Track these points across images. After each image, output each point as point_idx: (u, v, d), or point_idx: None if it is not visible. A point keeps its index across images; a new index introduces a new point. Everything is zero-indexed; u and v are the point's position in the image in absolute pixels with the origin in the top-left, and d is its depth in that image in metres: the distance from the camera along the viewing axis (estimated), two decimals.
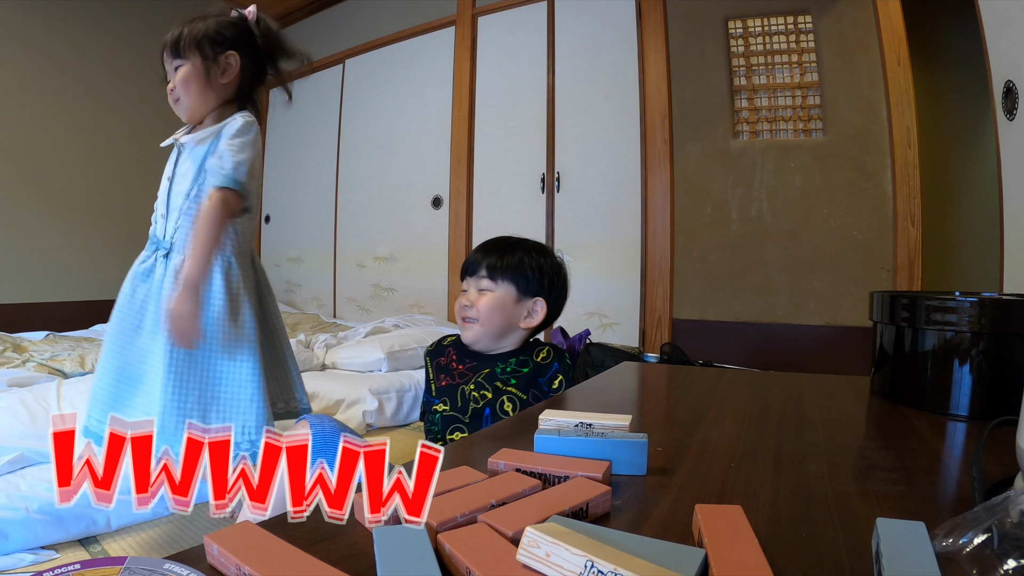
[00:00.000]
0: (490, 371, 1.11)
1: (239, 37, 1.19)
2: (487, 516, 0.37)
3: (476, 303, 1.11)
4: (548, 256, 1.17)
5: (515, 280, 1.11)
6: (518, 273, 1.12)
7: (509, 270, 1.11)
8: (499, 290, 1.11)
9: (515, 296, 1.12)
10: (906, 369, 0.75)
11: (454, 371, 1.14)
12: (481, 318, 1.10)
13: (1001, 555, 0.31)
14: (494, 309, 1.10)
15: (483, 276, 1.12)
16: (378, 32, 3.85)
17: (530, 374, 1.10)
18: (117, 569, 0.32)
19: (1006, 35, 1.73)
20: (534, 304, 1.13)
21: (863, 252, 2.44)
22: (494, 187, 3.32)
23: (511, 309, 1.12)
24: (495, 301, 1.11)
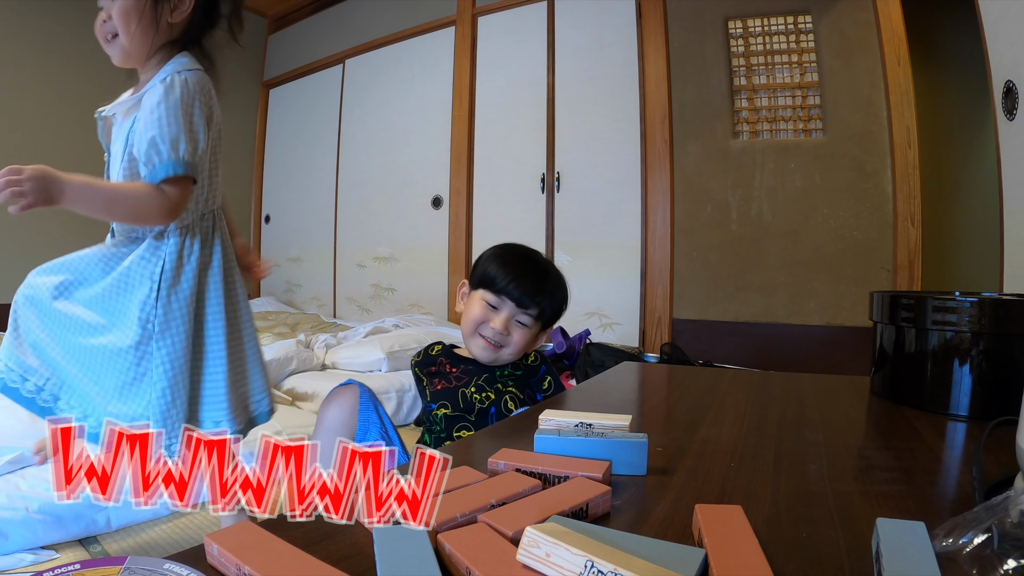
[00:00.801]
0: (488, 375, 1.10)
1: None
2: (487, 516, 0.37)
3: (511, 334, 1.08)
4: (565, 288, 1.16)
5: (545, 320, 1.11)
6: (553, 316, 1.12)
7: (555, 315, 1.12)
8: (532, 327, 1.10)
9: (539, 333, 1.13)
10: (906, 369, 0.75)
11: (449, 375, 1.11)
12: (513, 351, 1.09)
13: (1001, 555, 0.31)
14: (525, 346, 1.10)
15: (530, 313, 1.09)
16: (378, 32, 3.85)
17: (523, 376, 1.12)
18: (117, 569, 0.32)
19: (1006, 35, 1.73)
20: (549, 332, 1.16)
21: (863, 252, 2.44)
22: (494, 187, 3.32)
23: (533, 341, 1.13)
24: (527, 339, 1.09)
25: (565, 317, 1.23)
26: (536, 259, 1.15)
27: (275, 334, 3.04)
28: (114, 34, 0.95)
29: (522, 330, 1.08)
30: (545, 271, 1.12)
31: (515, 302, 1.08)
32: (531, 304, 1.08)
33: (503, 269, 1.09)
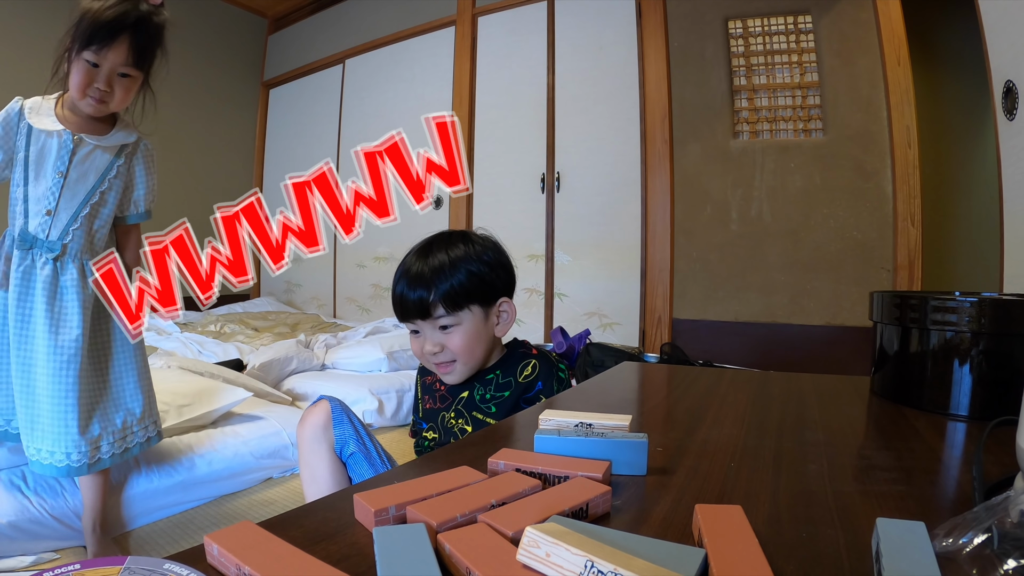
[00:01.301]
0: (469, 396, 0.99)
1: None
2: (487, 516, 0.37)
3: (447, 345, 0.94)
4: (480, 243, 0.98)
5: (476, 299, 0.94)
6: (477, 291, 0.94)
7: (468, 295, 0.93)
8: (466, 319, 0.94)
9: (482, 316, 0.95)
10: (906, 369, 0.75)
11: (436, 392, 1.04)
12: (461, 357, 0.95)
13: (1001, 555, 0.31)
14: (472, 342, 0.94)
15: (441, 316, 0.93)
16: (378, 32, 3.85)
17: (511, 398, 0.97)
18: (117, 569, 0.32)
19: (1006, 35, 1.73)
20: (500, 307, 0.97)
21: (863, 252, 2.44)
22: (494, 187, 3.32)
23: (484, 331, 0.96)
24: (469, 334, 0.94)
25: (565, 317, 1.20)
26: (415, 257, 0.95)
27: (275, 334, 3.04)
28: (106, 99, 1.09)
29: (452, 332, 0.94)
30: (428, 254, 0.94)
31: (419, 316, 0.94)
32: (435, 307, 0.92)
33: (396, 307, 0.97)
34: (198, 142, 4.22)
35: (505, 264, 0.99)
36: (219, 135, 4.35)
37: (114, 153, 1.14)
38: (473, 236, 0.99)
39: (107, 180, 1.12)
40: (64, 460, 1.09)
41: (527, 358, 1.00)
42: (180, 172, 4.11)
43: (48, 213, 1.09)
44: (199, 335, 2.83)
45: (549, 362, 1.00)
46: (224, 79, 4.36)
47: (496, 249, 0.99)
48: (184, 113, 4.12)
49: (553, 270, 3.11)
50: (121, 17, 1.04)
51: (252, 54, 4.55)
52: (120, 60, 1.06)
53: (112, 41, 1.04)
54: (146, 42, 1.09)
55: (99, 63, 1.05)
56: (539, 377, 0.98)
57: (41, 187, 1.09)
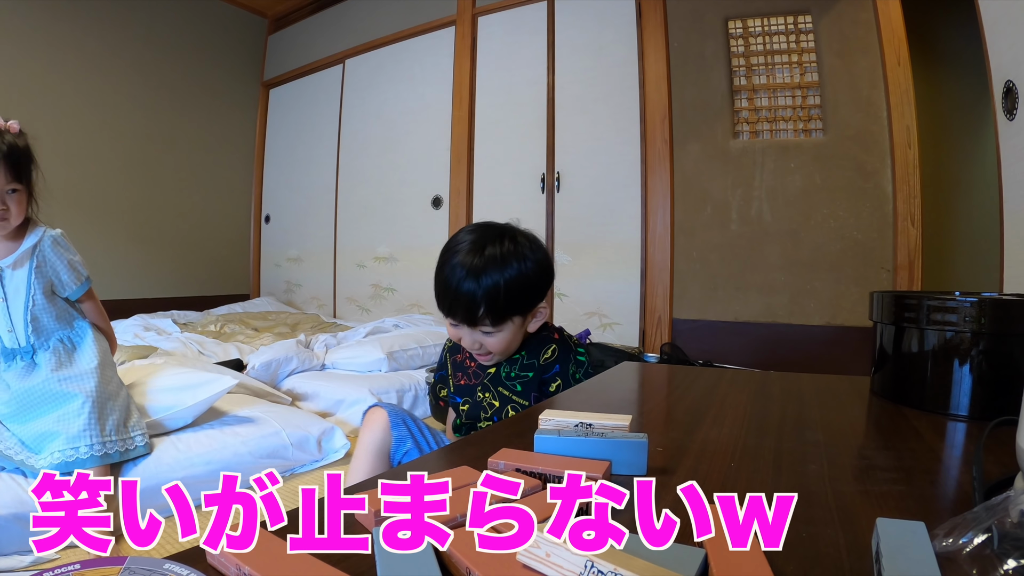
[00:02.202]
0: (496, 372, 1.06)
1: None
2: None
3: (485, 344, 1.00)
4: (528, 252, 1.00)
5: (519, 313, 0.99)
6: (520, 306, 0.98)
7: (513, 311, 0.97)
8: (507, 327, 0.99)
9: (521, 321, 1.01)
10: (906, 369, 0.75)
11: (468, 369, 1.11)
12: (498, 353, 1.01)
13: (1001, 555, 0.31)
14: (510, 343, 1.01)
15: (484, 327, 0.98)
16: (378, 32, 3.85)
17: (534, 378, 1.04)
18: (117, 569, 0.32)
19: (1006, 35, 1.73)
20: (537, 310, 1.03)
21: (863, 252, 2.44)
22: (494, 187, 3.32)
23: (520, 331, 1.02)
24: (508, 337, 0.99)
25: (565, 317, 1.21)
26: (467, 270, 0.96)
27: (275, 334, 3.04)
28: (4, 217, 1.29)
29: (493, 336, 0.99)
30: (476, 281, 0.95)
31: (466, 323, 0.99)
32: (477, 321, 0.97)
33: (439, 297, 1.01)
34: (198, 142, 4.22)
35: (547, 268, 1.02)
36: (219, 135, 4.35)
37: (28, 258, 1.35)
38: (520, 240, 1.01)
39: (32, 284, 1.35)
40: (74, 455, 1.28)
41: (549, 342, 1.06)
42: (180, 172, 4.11)
43: (9, 330, 1.36)
44: (199, 335, 2.83)
45: (567, 346, 1.06)
46: (224, 79, 4.36)
47: (540, 255, 1.02)
48: (184, 113, 4.12)
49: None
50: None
51: (252, 54, 4.55)
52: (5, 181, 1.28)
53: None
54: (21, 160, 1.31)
55: None
56: (557, 360, 1.04)
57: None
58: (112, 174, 3.69)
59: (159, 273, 3.95)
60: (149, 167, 3.92)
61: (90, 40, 3.59)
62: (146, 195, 3.87)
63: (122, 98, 3.75)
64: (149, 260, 3.89)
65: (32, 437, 1.34)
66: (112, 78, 3.70)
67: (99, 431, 1.33)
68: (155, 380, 1.60)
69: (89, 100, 3.60)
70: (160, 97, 3.97)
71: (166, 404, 1.53)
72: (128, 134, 3.79)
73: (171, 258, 4.03)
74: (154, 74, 3.92)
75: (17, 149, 1.31)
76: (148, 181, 3.90)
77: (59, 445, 1.29)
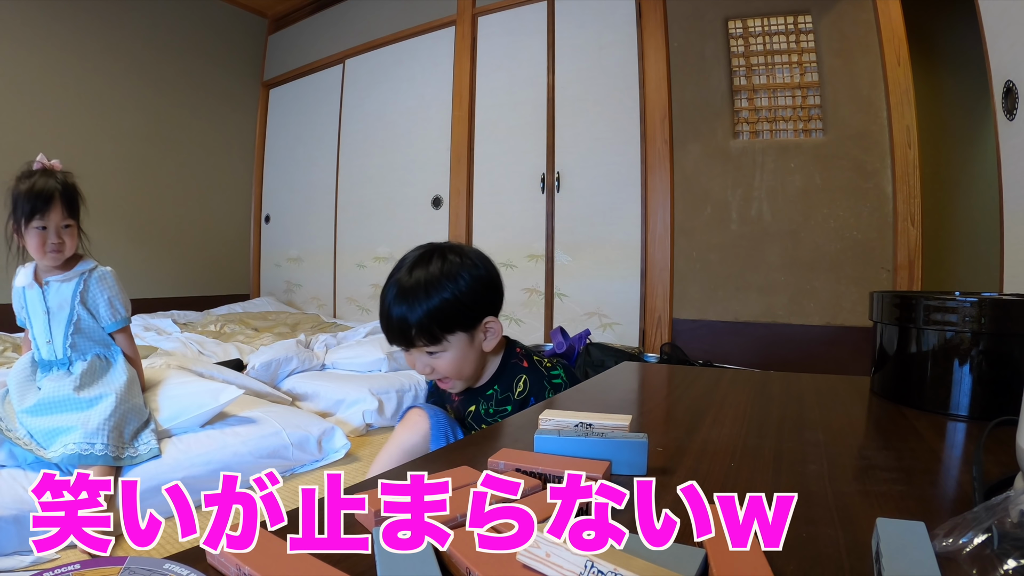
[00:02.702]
0: (476, 410, 1.03)
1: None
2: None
3: (436, 367, 0.97)
4: (459, 265, 0.96)
5: (457, 327, 0.95)
6: (457, 321, 0.94)
7: (448, 327, 0.94)
8: (451, 346, 0.95)
9: (467, 339, 0.96)
10: (906, 369, 0.75)
11: (452, 403, 1.08)
12: (454, 376, 0.98)
13: (1001, 555, 0.31)
14: (460, 363, 0.97)
15: (424, 346, 0.95)
16: (378, 32, 3.85)
17: (513, 412, 1.00)
18: (117, 569, 0.32)
19: (1006, 35, 1.73)
20: (486, 327, 0.98)
21: (863, 252, 2.44)
22: (494, 187, 3.32)
23: (470, 350, 0.97)
24: (456, 357, 0.96)
25: (565, 317, 1.20)
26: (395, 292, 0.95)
27: (275, 334, 3.04)
28: (60, 249, 1.43)
29: (439, 357, 0.96)
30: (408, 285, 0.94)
31: (403, 346, 0.98)
32: (413, 341, 0.95)
33: (381, 327, 0.99)
34: (198, 142, 4.22)
35: (488, 283, 0.98)
36: (219, 135, 4.35)
37: (74, 281, 1.48)
38: (451, 258, 0.96)
39: (75, 307, 1.47)
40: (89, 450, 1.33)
41: (518, 371, 1.02)
42: (180, 172, 4.11)
43: (48, 342, 1.47)
44: (199, 335, 2.83)
45: (538, 374, 1.01)
46: (224, 79, 4.36)
47: (476, 270, 0.97)
48: (184, 113, 4.12)
49: (553, 270, 3.11)
50: (49, 188, 1.40)
51: (252, 54, 4.55)
52: (61, 217, 1.42)
53: (49, 206, 1.40)
54: (74, 198, 1.45)
55: (46, 225, 1.41)
56: (530, 393, 1.00)
57: (38, 325, 1.47)
58: (112, 174, 3.69)
59: (159, 273, 3.95)
60: (149, 167, 3.92)
61: (90, 40, 3.59)
62: (146, 195, 3.87)
63: (122, 98, 3.75)
64: (149, 260, 3.89)
65: (44, 431, 1.36)
66: (112, 78, 3.70)
67: (116, 434, 1.37)
68: (163, 389, 1.62)
69: (89, 100, 3.60)
70: (160, 97, 3.97)
71: (173, 413, 1.55)
72: (128, 134, 3.79)
73: (171, 258, 4.03)
74: (154, 74, 3.92)
75: (70, 187, 1.45)
76: (148, 181, 3.90)
77: (75, 438, 1.32)
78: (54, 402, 1.40)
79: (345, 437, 1.78)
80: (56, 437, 1.36)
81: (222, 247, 4.41)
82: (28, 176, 1.42)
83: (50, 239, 1.41)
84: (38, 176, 1.42)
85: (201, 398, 1.58)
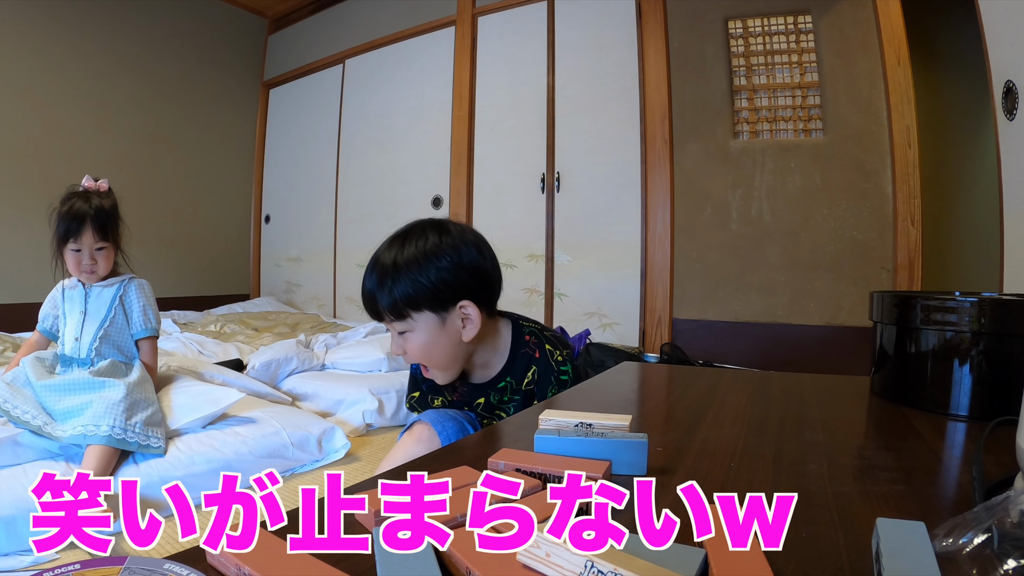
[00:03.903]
0: (486, 401, 1.01)
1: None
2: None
3: (407, 350, 0.94)
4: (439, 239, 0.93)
5: (425, 306, 0.91)
6: (419, 298, 0.90)
7: (409, 303, 0.90)
8: (417, 325, 0.92)
9: (436, 321, 0.92)
10: (906, 369, 0.75)
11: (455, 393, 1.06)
12: (423, 361, 0.95)
13: (1001, 555, 0.31)
14: (429, 348, 0.93)
15: (392, 321, 0.93)
16: (378, 32, 3.85)
17: (522, 402, 0.99)
18: (117, 569, 0.32)
19: (1006, 35, 1.73)
20: (461, 311, 0.92)
21: (863, 252, 2.44)
22: (494, 187, 3.32)
23: (442, 335, 0.92)
24: (423, 340, 0.92)
25: (566, 317, 1.19)
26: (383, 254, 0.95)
27: (275, 334, 3.04)
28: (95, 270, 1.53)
29: (407, 338, 0.93)
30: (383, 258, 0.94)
31: (378, 318, 0.95)
32: (381, 314, 0.93)
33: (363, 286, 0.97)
34: (198, 142, 4.22)
35: (468, 265, 0.92)
36: (219, 135, 4.35)
37: (115, 287, 1.58)
38: (433, 231, 0.94)
39: (113, 308, 1.56)
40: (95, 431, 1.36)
41: (530, 362, 0.99)
42: (180, 172, 4.11)
43: (76, 339, 1.54)
44: (199, 335, 2.83)
45: (548, 367, 0.98)
46: (224, 79, 4.36)
47: (457, 248, 0.92)
48: (184, 113, 4.12)
49: (553, 270, 3.11)
50: (81, 213, 1.46)
51: (252, 54, 4.55)
52: (93, 240, 1.49)
53: (80, 230, 1.47)
54: (107, 221, 1.51)
55: (80, 248, 1.49)
56: (538, 383, 0.98)
57: (72, 323, 1.55)
58: (112, 174, 3.67)
59: (159, 273, 3.94)
60: (149, 167, 3.92)
61: (90, 40, 3.59)
62: (146, 195, 3.87)
63: (122, 98, 3.75)
64: (149, 260, 3.88)
65: (61, 410, 1.41)
66: (112, 78, 3.70)
67: (124, 418, 1.39)
68: (168, 396, 1.64)
69: (89, 100, 3.60)
70: (160, 97, 3.97)
71: (177, 417, 1.57)
72: (128, 134, 3.79)
73: (171, 258, 4.03)
74: (154, 74, 3.92)
75: (103, 211, 1.50)
76: (148, 181, 3.90)
77: (84, 420, 1.36)
78: (72, 383, 1.45)
79: (345, 437, 1.78)
80: (70, 417, 1.39)
81: (222, 247, 4.41)
82: (69, 198, 1.49)
83: (84, 260, 1.50)
84: (76, 199, 1.48)
85: (201, 403, 1.59)
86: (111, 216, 1.52)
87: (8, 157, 3.23)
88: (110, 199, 1.54)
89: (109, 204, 1.52)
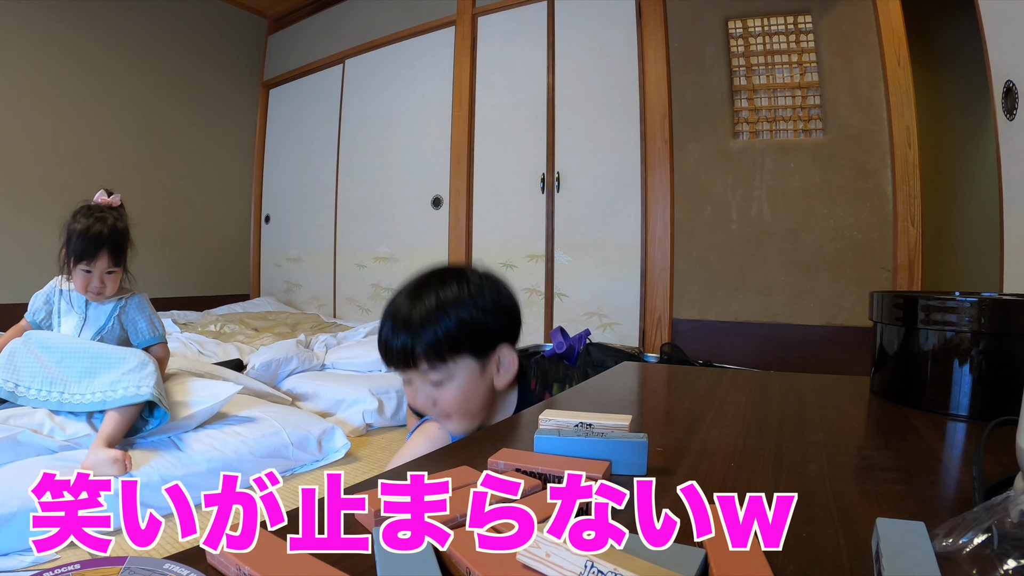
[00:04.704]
0: None
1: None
2: None
3: (439, 401, 0.85)
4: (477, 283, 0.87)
5: (467, 348, 0.84)
6: (468, 340, 0.84)
7: (456, 346, 0.83)
8: (457, 373, 0.84)
9: (477, 368, 0.85)
10: (906, 369, 0.75)
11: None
12: (456, 413, 0.86)
13: (1001, 555, 0.31)
14: (467, 397, 0.85)
15: (427, 371, 0.84)
16: (378, 32, 3.85)
17: None
18: (117, 569, 0.32)
19: (1006, 35, 1.73)
20: (499, 356, 0.87)
21: (863, 252, 2.44)
22: (494, 187, 3.32)
23: (480, 383, 0.86)
24: (462, 389, 0.84)
25: (565, 317, 1.18)
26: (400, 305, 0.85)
27: (275, 334, 3.04)
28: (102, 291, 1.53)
29: (444, 388, 0.84)
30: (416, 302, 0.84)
31: (405, 366, 0.85)
32: (419, 360, 0.83)
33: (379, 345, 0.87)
34: (198, 142, 4.22)
35: (506, 306, 0.88)
36: (219, 135, 4.35)
37: (115, 302, 1.59)
38: (470, 274, 0.88)
39: (111, 320, 1.58)
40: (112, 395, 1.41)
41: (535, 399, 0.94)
42: (180, 172, 4.11)
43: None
44: (199, 335, 2.83)
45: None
46: (224, 79, 4.36)
47: (495, 289, 0.88)
48: (184, 113, 4.12)
49: (553, 270, 3.11)
50: (100, 238, 1.46)
51: (252, 54, 4.55)
52: (105, 265, 1.50)
53: (96, 254, 1.47)
54: (121, 245, 1.52)
55: (91, 270, 1.50)
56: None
57: (69, 325, 1.55)
58: (112, 174, 3.69)
59: (159, 273, 3.94)
60: (149, 167, 3.92)
61: (90, 40, 3.59)
62: (146, 195, 3.87)
63: (122, 98, 3.75)
64: (149, 260, 3.87)
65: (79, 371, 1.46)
66: (112, 78, 3.70)
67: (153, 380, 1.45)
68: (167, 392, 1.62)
69: (89, 100, 3.59)
70: (160, 98, 3.97)
71: (177, 411, 1.56)
72: (128, 134, 3.79)
73: (171, 258, 4.03)
74: (154, 74, 3.92)
75: (118, 234, 1.51)
76: (148, 181, 3.90)
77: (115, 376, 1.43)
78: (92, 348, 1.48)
79: (345, 437, 1.78)
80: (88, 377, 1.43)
81: (222, 247, 4.41)
82: (85, 215, 1.48)
83: (93, 282, 1.51)
84: (93, 220, 1.47)
85: (200, 397, 1.59)
86: (124, 238, 1.53)
87: (8, 157, 3.23)
88: (123, 220, 1.54)
89: (123, 226, 1.53)
